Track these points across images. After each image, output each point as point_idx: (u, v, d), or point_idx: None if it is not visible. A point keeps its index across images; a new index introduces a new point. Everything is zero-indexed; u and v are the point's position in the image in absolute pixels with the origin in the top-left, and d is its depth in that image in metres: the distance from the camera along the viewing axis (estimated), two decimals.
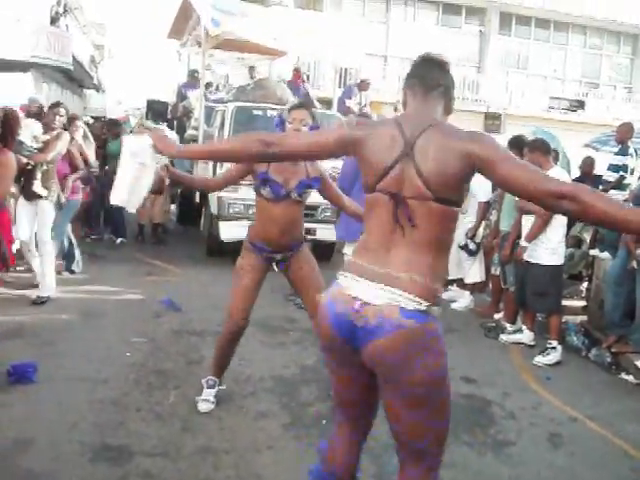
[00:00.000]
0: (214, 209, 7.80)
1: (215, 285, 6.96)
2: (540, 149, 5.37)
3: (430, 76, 2.15)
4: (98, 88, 24.34)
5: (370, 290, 1.98)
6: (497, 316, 6.44)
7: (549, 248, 5.33)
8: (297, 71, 11.10)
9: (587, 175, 8.48)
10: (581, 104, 21.15)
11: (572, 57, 22.22)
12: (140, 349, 4.75)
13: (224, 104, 8.73)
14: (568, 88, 22.05)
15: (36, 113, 7.11)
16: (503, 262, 5.92)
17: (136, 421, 3.57)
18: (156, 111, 10.43)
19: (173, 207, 10.91)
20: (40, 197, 5.68)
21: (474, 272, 6.83)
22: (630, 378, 5.17)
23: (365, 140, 2.10)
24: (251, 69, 10.99)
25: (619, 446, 3.85)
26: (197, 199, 8.90)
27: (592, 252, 6.84)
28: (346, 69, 15.34)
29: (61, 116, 6.10)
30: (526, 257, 5.40)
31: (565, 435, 3.93)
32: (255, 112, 7.93)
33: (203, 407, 3.83)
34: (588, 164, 8.69)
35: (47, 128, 5.89)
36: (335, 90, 10.63)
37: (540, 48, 21.83)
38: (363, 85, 10.86)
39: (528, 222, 5.44)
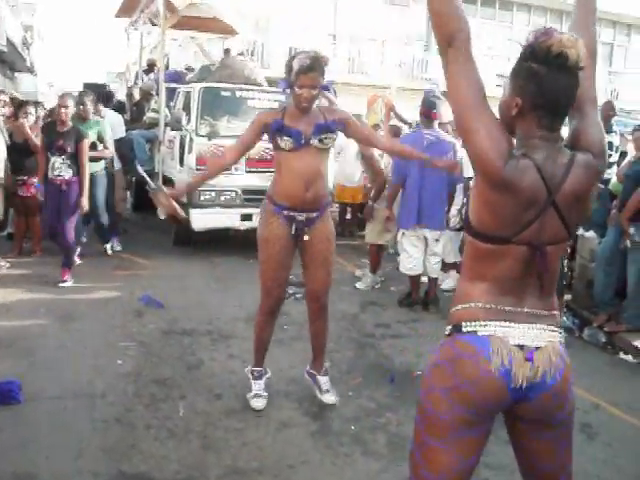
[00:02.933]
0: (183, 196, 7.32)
1: (192, 278, 6.54)
2: None
3: None
4: (31, 71, 23.05)
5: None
6: None
7: None
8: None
9: None
10: None
11: (517, 35, 22.33)
12: (131, 355, 4.31)
13: (188, 85, 8.20)
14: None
15: None
16: None
17: (149, 441, 3.17)
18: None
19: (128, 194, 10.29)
20: None
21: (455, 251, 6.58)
22: (629, 358, 5.14)
23: None
24: (226, 51, 10.09)
25: None
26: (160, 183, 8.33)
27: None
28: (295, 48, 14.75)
29: None
30: None
31: (595, 425, 3.76)
32: (223, 93, 7.45)
33: (257, 404, 3.54)
34: None
35: None
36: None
37: (486, 26, 21.87)
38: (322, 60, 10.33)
39: None
